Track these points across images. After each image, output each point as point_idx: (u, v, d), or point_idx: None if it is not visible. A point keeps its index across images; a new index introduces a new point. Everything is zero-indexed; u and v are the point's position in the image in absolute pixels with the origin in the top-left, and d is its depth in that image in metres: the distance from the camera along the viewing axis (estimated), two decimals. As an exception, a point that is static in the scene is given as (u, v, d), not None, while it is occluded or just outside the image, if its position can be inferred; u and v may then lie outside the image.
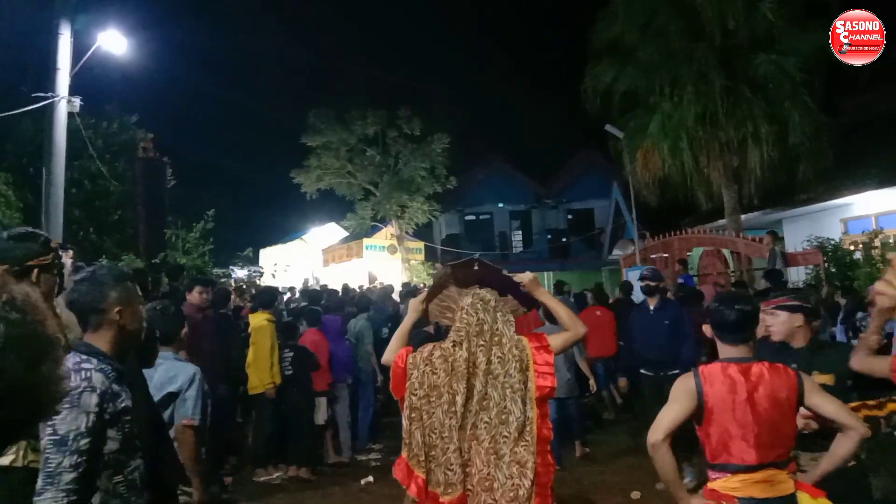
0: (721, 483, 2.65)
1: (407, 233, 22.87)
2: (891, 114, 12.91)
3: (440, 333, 5.72)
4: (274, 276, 18.93)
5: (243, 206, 28.88)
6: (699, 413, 2.69)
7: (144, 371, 2.91)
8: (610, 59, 14.76)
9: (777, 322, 3.39)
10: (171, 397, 3.40)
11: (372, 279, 19.39)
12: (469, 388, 2.89)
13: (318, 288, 14.12)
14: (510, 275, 3.19)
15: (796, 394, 2.66)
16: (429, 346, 3.05)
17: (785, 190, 13.82)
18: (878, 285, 3.04)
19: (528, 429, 2.85)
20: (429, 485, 2.84)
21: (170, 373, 3.44)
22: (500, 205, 28.93)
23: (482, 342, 2.93)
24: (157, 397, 3.18)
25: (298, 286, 17.02)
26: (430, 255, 24.45)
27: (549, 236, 29.01)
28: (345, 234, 23.94)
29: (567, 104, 16.61)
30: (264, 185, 31.09)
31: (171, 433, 3.27)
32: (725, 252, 14.72)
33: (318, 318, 7.96)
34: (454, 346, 2.97)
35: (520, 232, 29.94)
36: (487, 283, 3.17)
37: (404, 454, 2.94)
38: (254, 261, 20.11)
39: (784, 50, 12.91)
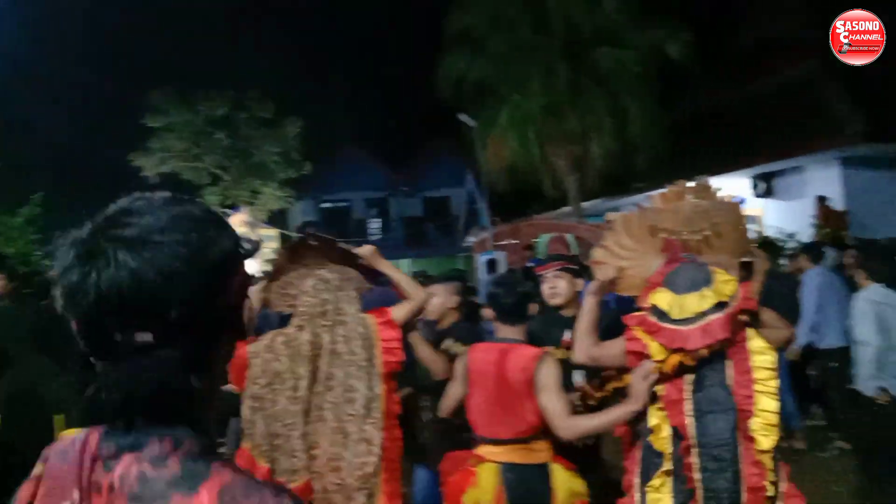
0: (482, 449, 2.98)
1: (260, 220, 22.09)
2: (718, 110, 13.98)
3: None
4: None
5: (81, 190, 26.68)
6: (466, 388, 3.07)
7: None
8: (462, 48, 14.96)
9: (560, 284, 3.56)
10: None
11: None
12: (313, 370, 2.84)
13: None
14: (348, 248, 3.14)
15: (531, 379, 2.85)
16: (270, 333, 2.96)
17: (623, 178, 14.64)
18: (596, 252, 2.91)
19: (375, 405, 2.86)
20: (274, 474, 2.79)
21: None
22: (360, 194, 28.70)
23: (325, 323, 2.89)
24: None
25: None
26: (285, 243, 23.76)
27: (406, 224, 29.15)
28: (192, 221, 22.76)
29: (422, 92, 16.71)
30: (105, 168, 28.82)
31: None
32: (569, 237, 15.39)
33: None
34: (298, 329, 2.91)
35: (378, 219, 29.86)
36: (328, 259, 3.14)
37: (246, 445, 2.85)
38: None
39: (624, 45, 13.65)
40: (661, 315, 2.46)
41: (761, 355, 2.43)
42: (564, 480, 2.91)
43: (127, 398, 0.82)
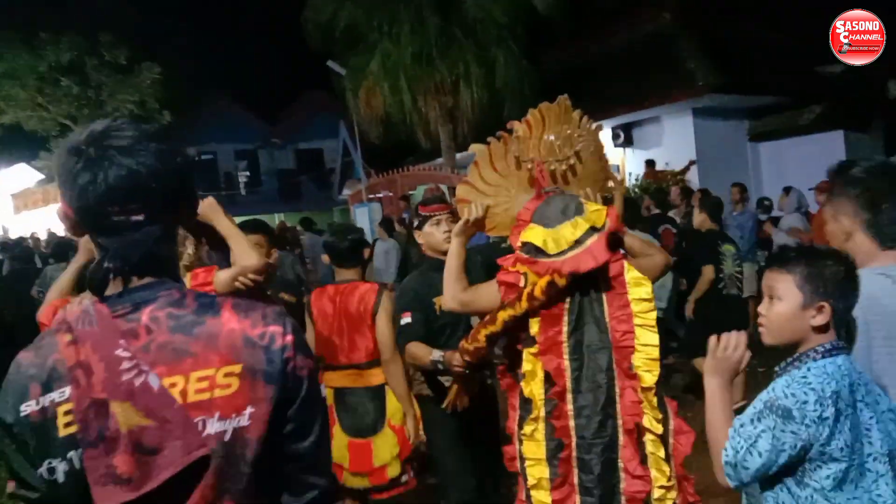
0: (323, 376, 3.31)
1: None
2: (582, 62, 14.40)
3: None
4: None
5: None
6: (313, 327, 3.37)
7: None
8: (330, -8, 14.46)
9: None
10: None
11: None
12: None
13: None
14: None
15: (371, 310, 3.27)
16: (83, 296, 2.45)
17: (494, 129, 14.79)
18: (459, 189, 2.75)
19: None
20: None
21: None
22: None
23: None
24: None
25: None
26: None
27: (279, 177, 28.29)
28: (40, 176, 20.94)
29: (292, 38, 16.04)
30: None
31: None
32: (444, 188, 15.54)
33: None
34: None
35: (247, 172, 28.77)
36: None
37: None
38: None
39: (491, -4, 13.69)
40: (536, 252, 2.36)
41: (637, 287, 2.34)
42: (395, 400, 3.32)
43: (124, 262, 1.11)
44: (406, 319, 3.15)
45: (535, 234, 2.38)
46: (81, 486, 1.04)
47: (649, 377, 2.28)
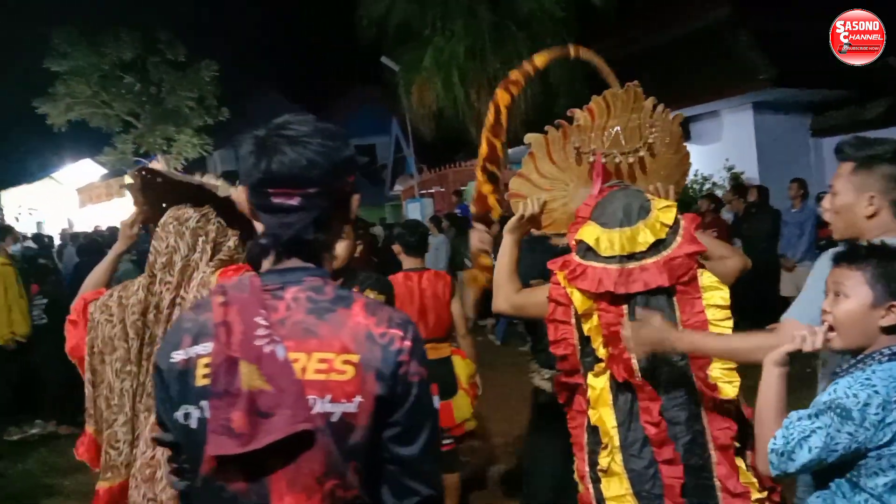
0: None
1: (176, 168, 21.21)
2: (637, 55, 14.15)
3: None
4: (17, 219, 16.81)
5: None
6: None
7: None
8: (383, -12, 14.55)
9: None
10: None
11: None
12: (144, 340, 2.20)
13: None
14: (190, 179, 2.38)
15: (449, 293, 3.91)
16: (114, 288, 2.34)
17: (546, 124, 14.68)
18: (513, 183, 2.50)
19: None
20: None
21: None
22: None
23: (169, 277, 2.19)
24: None
25: (56, 231, 15.26)
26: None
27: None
28: (103, 171, 21.65)
29: (344, 35, 16.22)
30: (2, 117, 26.93)
31: None
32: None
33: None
34: (141, 284, 2.26)
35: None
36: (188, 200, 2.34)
37: (89, 429, 2.28)
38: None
39: (544, -12, 13.59)
40: (587, 252, 2.12)
41: (713, 291, 2.09)
42: (462, 367, 3.95)
43: (276, 241, 1.25)
44: None
45: (589, 233, 2.15)
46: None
47: (730, 388, 2.04)
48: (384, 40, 15.02)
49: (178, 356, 1.22)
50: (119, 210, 18.53)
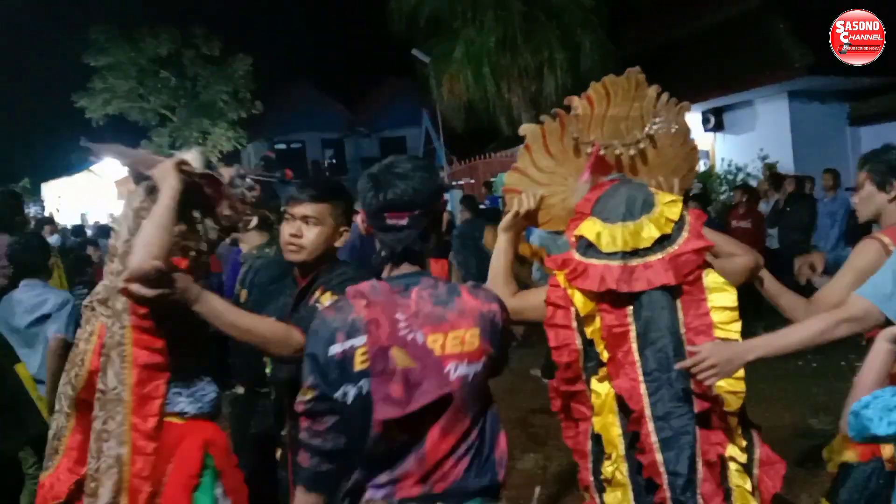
0: None
1: (212, 162, 21.51)
2: (668, 44, 14.02)
3: None
4: (58, 210, 17.26)
5: (19, 134, 25.65)
6: None
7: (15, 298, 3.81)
8: (414, -19, 14.60)
9: None
10: (44, 318, 3.83)
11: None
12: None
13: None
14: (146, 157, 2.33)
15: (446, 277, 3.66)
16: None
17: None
18: (508, 178, 2.37)
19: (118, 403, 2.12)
20: None
21: (40, 297, 3.86)
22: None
23: (117, 266, 2.12)
24: (28, 320, 3.80)
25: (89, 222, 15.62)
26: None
27: (363, 164, 28.83)
28: (141, 163, 22.01)
29: (376, 28, 16.32)
30: (43, 111, 27.58)
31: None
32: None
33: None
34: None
35: (333, 160, 29.47)
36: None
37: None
38: (35, 194, 18.17)
39: (576, -22, 13.52)
40: (588, 248, 2.00)
41: (719, 293, 1.97)
42: None
43: (392, 252, 1.66)
44: None
45: (589, 228, 2.01)
46: (361, 406, 1.57)
47: (734, 399, 1.94)
48: (415, 33, 15.07)
49: (334, 349, 1.57)
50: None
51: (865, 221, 2.60)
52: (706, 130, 12.97)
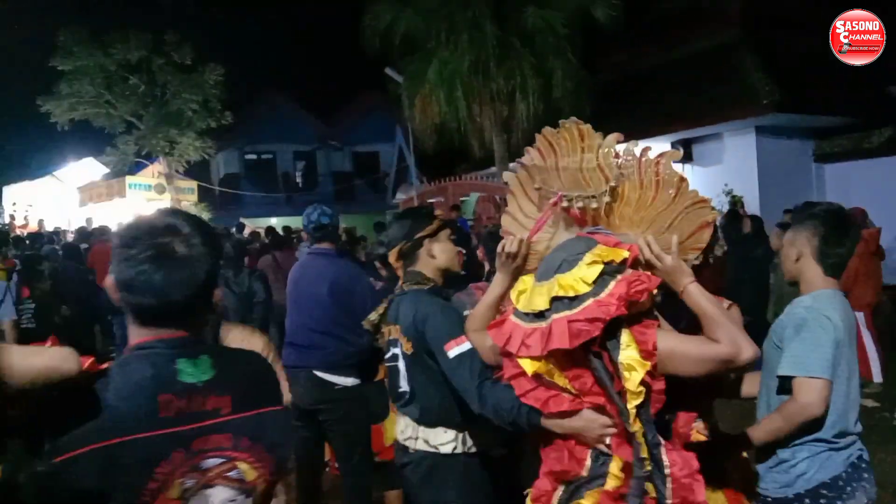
0: None
1: (178, 171, 21.14)
2: (641, 73, 14.13)
3: None
4: (26, 218, 16.86)
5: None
6: None
7: None
8: (390, -1, 14.56)
9: None
10: None
11: (137, 220, 17.79)
12: None
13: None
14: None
15: None
16: None
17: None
18: (503, 220, 2.38)
19: None
20: None
21: None
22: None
23: None
24: None
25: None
26: (206, 195, 22.94)
27: (335, 179, 28.57)
28: (105, 170, 21.59)
29: (350, 42, 16.19)
30: (5, 113, 26.86)
31: None
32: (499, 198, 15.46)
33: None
34: None
35: (304, 173, 29.18)
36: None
37: None
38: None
39: (550, 5, 13.57)
40: (516, 309, 1.99)
41: (631, 372, 1.83)
42: None
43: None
44: (464, 345, 2.44)
45: (519, 285, 2.04)
46: None
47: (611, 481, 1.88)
48: (390, 50, 15.01)
49: None
50: (117, 210, 18.54)
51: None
52: (675, 162, 13.06)
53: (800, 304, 2.45)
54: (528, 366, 1.91)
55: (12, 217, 16.80)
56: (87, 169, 22.18)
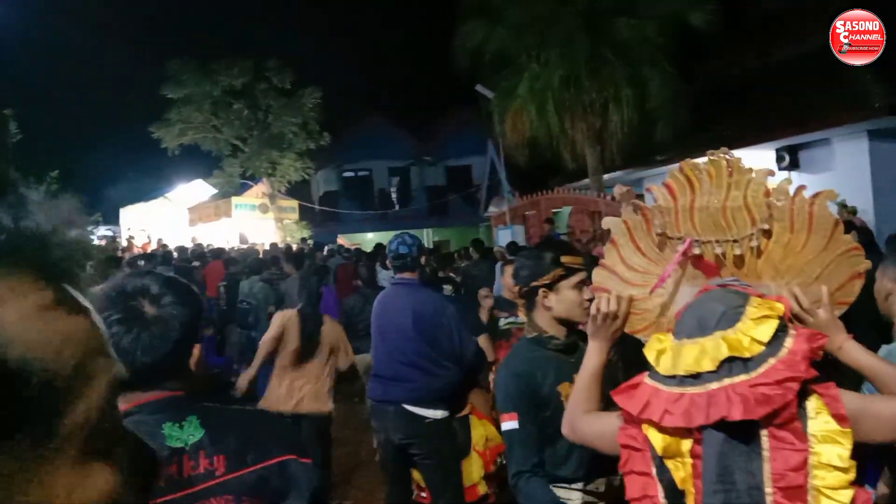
0: None
1: (279, 191, 22.08)
2: (738, 79, 13.59)
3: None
4: (148, 237, 18.06)
5: (100, 162, 26.90)
6: None
7: None
8: (480, 18, 14.65)
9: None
10: None
11: (243, 239, 18.70)
12: None
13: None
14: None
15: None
16: None
17: (644, 151, 14.37)
18: (596, 275, 2.07)
19: None
20: None
21: None
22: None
23: None
24: None
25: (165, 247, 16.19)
26: (306, 214, 23.79)
27: (429, 193, 28.97)
28: (213, 191, 22.82)
29: (442, 60, 16.46)
30: (122, 141, 28.85)
31: None
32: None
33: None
34: None
35: (399, 188, 29.74)
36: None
37: None
38: (112, 221, 18.95)
39: (644, 15, 13.28)
40: (653, 371, 1.65)
41: (829, 445, 1.46)
42: (479, 427, 4.06)
43: None
44: (510, 424, 2.29)
45: (654, 345, 1.69)
46: None
47: None
48: (480, 67, 15.11)
49: None
50: (224, 229, 19.55)
51: None
52: (780, 169, 12.45)
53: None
54: (657, 440, 1.58)
55: (131, 238, 17.92)
56: (196, 190, 23.53)
